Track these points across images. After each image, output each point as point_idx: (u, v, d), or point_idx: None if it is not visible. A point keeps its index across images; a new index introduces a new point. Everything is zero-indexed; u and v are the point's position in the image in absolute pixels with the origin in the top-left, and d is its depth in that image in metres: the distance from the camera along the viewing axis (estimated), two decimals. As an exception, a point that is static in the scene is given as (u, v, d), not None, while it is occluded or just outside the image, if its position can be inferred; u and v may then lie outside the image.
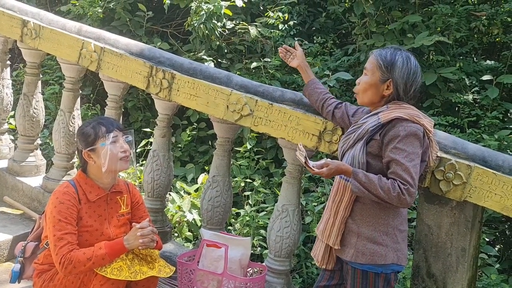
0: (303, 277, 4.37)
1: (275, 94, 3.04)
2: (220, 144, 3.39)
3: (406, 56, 2.30)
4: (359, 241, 2.28)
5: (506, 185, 2.40)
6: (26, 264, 2.74)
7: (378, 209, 2.26)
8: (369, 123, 2.28)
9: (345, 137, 2.41)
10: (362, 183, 2.18)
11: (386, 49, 2.35)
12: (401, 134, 2.17)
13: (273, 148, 5.68)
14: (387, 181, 2.16)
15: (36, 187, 4.06)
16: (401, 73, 2.26)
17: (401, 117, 2.20)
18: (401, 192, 2.13)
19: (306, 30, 6.61)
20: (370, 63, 2.34)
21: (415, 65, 2.29)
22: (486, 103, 4.95)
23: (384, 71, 2.28)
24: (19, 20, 3.96)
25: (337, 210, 2.33)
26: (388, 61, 2.28)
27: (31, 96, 4.22)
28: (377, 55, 2.32)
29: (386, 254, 2.26)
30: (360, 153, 2.26)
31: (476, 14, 5.37)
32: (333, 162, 2.24)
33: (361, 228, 2.29)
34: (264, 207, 4.87)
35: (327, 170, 2.21)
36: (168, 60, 3.40)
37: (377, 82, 2.30)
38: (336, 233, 2.33)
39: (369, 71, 2.33)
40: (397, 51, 2.31)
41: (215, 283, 2.81)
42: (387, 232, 2.27)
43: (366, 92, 2.33)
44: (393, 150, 2.18)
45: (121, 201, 2.74)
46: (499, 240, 4.76)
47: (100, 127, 2.61)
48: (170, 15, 6.95)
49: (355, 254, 2.28)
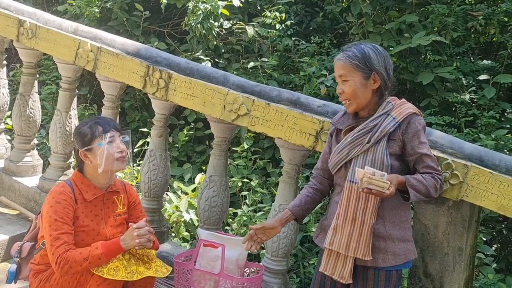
0: (300, 277, 4.37)
1: (272, 93, 3.04)
2: (217, 144, 3.38)
3: (371, 46, 2.31)
4: (390, 243, 2.24)
5: (503, 184, 2.40)
6: (23, 265, 2.73)
7: (397, 207, 2.27)
8: (385, 124, 2.22)
9: (351, 143, 2.28)
10: (415, 188, 2.18)
11: (350, 48, 2.29)
12: (419, 128, 2.24)
13: (270, 148, 5.68)
14: (428, 177, 2.22)
15: (33, 187, 4.05)
16: (378, 62, 2.26)
17: (412, 112, 2.26)
18: (441, 182, 2.25)
19: (303, 29, 6.61)
20: (343, 69, 2.27)
21: (383, 50, 2.32)
22: (483, 103, 4.96)
23: (364, 68, 2.25)
24: (15, 19, 3.95)
25: (363, 219, 2.23)
26: (361, 57, 2.25)
27: (27, 96, 4.21)
28: (347, 58, 2.26)
29: (413, 248, 2.33)
30: (384, 156, 2.20)
31: (473, 13, 5.37)
32: (391, 177, 2.14)
33: (389, 230, 2.25)
34: (261, 207, 4.87)
35: (394, 188, 2.11)
36: (165, 59, 3.40)
37: (363, 81, 2.26)
38: (365, 243, 2.23)
39: (347, 76, 2.27)
40: (361, 45, 2.30)
41: (212, 283, 2.80)
42: (408, 227, 2.32)
43: (356, 95, 2.26)
44: (419, 146, 2.23)
45: (118, 201, 2.73)
46: (496, 240, 4.77)
47: (97, 127, 2.60)
48: (167, 14, 6.94)
49: (391, 257, 2.24)
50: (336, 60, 2.33)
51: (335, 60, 2.33)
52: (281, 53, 6.10)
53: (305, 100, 2.95)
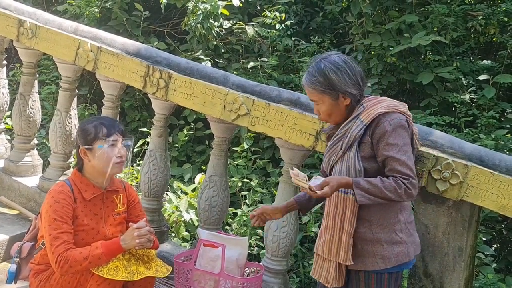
0: (300, 277, 4.37)
1: (272, 93, 3.04)
2: (217, 144, 3.38)
3: (330, 63, 2.22)
4: (378, 247, 2.22)
5: (503, 184, 2.40)
6: (23, 265, 2.73)
7: (384, 209, 2.22)
8: (353, 129, 2.21)
9: (329, 150, 2.32)
10: (366, 190, 2.12)
11: (311, 70, 2.24)
12: (388, 129, 2.14)
13: (270, 148, 5.68)
14: (390, 180, 2.13)
15: (33, 187, 4.05)
16: (342, 81, 2.20)
17: (382, 112, 2.17)
18: (407, 187, 2.12)
19: (303, 29, 6.61)
20: (311, 94, 2.27)
21: (343, 61, 2.22)
22: (482, 103, 4.96)
23: (329, 92, 2.21)
24: (15, 19, 3.95)
25: (342, 225, 2.24)
26: (322, 82, 2.21)
27: (27, 95, 4.21)
28: (310, 84, 2.24)
29: (407, 250, 2.25)
30: (355, 161, 2.20)
31: (473, 13, 5.38)
32: (332, 178, 2.17)
33: (376, 233, 2.23)
34: (261, 207, 4.87)
35: (329, 189, 2.12)
36: (165, 59, 3.40)
37: (333, 103, 2.24)
38: (345, 249, 2.24)
39: (317, 101, 2.27)
40: (320, 65, 2.23)
41: (212, 283, 2.80)
42: (401, 229, 2.25)
43: (332, 115, 2.27)
44: (385, 147, 2.15)
45: (117, 200, 2.73)
46: (496, 240, 4.77)
47: (101, 128, 2.59)
48: (167, 14, 6.94)
49: (379, 261, 2.22)
50: (302, 83, 2.31)
51: (302, 83, 2.32)
52: (281, 53, 6.10)
53: (305, 100, 2.95)
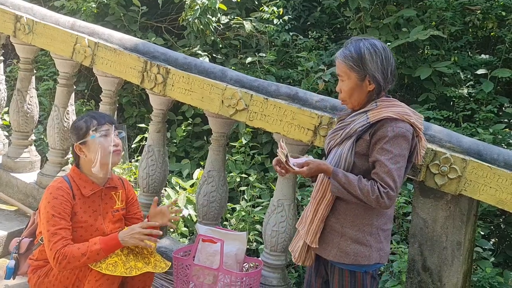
0: (299, 271, 4.37)
1: (270, 88, 3.03)
2: (215, 139, 3.38)
3: (369, 44, 2.22)
4: (343, 241, 2.24)
5: (501, 178, 2.40)
6: (21, 260, 2.73)
7: (362, 210, 2.22)
8: (357, 122, 2.22)
9: (332, 134, 2.35)
10: (342, 184, 2.14)
11: (349, 46, 2.25)
12: (389, 135, 2.12)
13: (269, 143, 5.68)
14: (367, 182, 2.12)
15: (31, 183, 4.04)
16: (374, 63, 2.20)
17: (391, 116, 2.15)
18: (380, 195, 2.09)
19: (301, 24, 6.61)
20: (340, 68, 2.26)
21: (381, 48, 2.22)
22: (480, 97, 4.96)
23: (358, 70, 2.21)
24: (12, 15, 3.93)
25: (317, 208, 2.28)
26: (356, 58, 2.20)
27: (25, 91, 4.20)
28: (343, 57, 2.24)
29: (370, 254, 2.23)
30: (348, 152, 2.21)
31: (471, 8, 5.38)
32: (314, 161, 2.20)
33: (345, 228, 2.24)
34: (260, 202, 4.87)
35: (307, 169, 2.17)
36: (162, 54, 3.39)
37: (358, 83, 2.23)
38: (314, 231, 2.28)
39: (344, 76, 2.26)
40: (359, 43, 2.23)
41: (211, 278, 2.81)
42: (371, 233, 2.23)
43: (352, 96, 2.26)
44: (379, 151, 2.14)
45: (116, 197, 2.73)
46: (494, 234, 4.78)
47: (92, 121, 2.61)
48: (164, 10, 6.93)
49: (338, 254, 2.24)
50: (335, 57, 2.32)
51: (335, 57, 2.32)
52: (279, 48, 6.09)
53: (303, 95, 2.94)
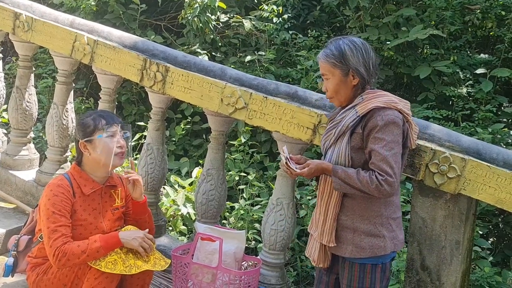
0: (297, 270, 4.38)
1: (270, 87, 3.03)
2: (214, 138, 3.38)
3: (348, 41, 2.29)
4: (356, 236, 2.27)
5: (500, 177, 2.40)
6: (20, 258, 2.73)
7: (369, 202, 2.26)
8: (348, 118, 2.26)
9: (325, 135, 2.39)
10: (342, 179, 2.19)
11: (329, 45, 2.32)
12: (379, 124, 2.17)
13: (268, 141, 5.68)
14: (365, 174, 2.17)
15: (29, 181, 4.04)
16: (355, 58, 2.26)
17: (378, 106, 2.20)
18: (379, 183, 2.13)
19: (300, 23, 6.60)
20: (323, 68, 2.33)
21: (361, 43, 2.29)
22: (480, 97, 4.96)
23: (340, 66, 2.27)
24: (11, 12, 3.92)
25: (327, 207, 2.32)
26: (337, 55, 2.27)
27: (24, 89, 4.19)
28: (325, 57, 2.30)
29: (385, 245, 2.27)
30: (345, 149, 2.25)
31: (470, 7, 5.37)
32: (313, 161, 2.26)
33: (356, 223, 2.28)
34: (259, 201, 4.87)
35: (307, 170, 2.23)
36: (162, 53, 3.38)
37: (342, 78, 2.28)
38: (329, 231, 2.31)
39: (328, 75, 2.31)
40: (338, 41, 2.30)
41: (210, 276, 2.81)
42: (382, 223, 2.27)
43: (338, 92, 2.31)
44: (372, 140, 2.18)
45: (116, 195, 2.73)
46: (493, 233, 4.79)
47: (100, 120, 2.61)
48: (163, 8, 6.91)
49: (355, 250, 2.28)
50: (317, 58, 2.37)
51: (317, 58, 2.37)
52: (278, 46, 6.09)
53: (302, 93, 2.94)
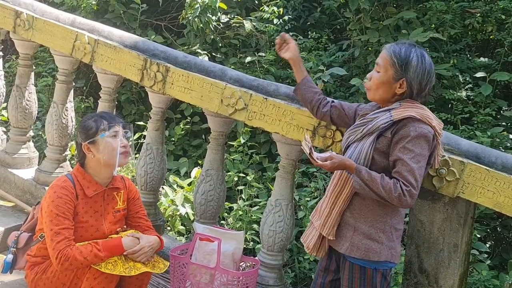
0: (295, 271, 4.38)
1: (270, 88, 3.03)
2: (214, 138, 3.38)
3: (420, 54, 2.22)
4: (355, 235, 2.27)
5: (499, 181, 2.40)
6: (19, 255, 2.73)
7: (377, 206, 2.25)
8: (380, 119, 2.23)
9: (352, 129, 2.35)
10: (364, 180, 2.16)
11: (400, 44, 2.26)
12: (412, 135, 2.14)
13: (267, 142, 5.68)
14: (389, 180, 2.14)
15: (29, 180, 4.03)
16: (416, 73, 2.20)
17: (414, 116, 2.16)
18: (403, 193, 2.11)
19: (301, 25, 6.61)
20: (383, 59, 2.27)
21: (429, 63, 2.22)
22: (479, 100, 4.97)
23: (397, 69, 2.21)
24: (12, 10, 3.92)
25: (336, 201, 2.31)
26: (402, 59, 2.21)
27: (23, 87, 4.19)
28: (391, 51, 2.24)
29: (380, 251, 2.25)
30: (368, 149, 2.22)
31: (471, 11, 5.38)
32: (338, 156, 2.22)
33: (358, 222, 2.27)
34: (257, 202, 4.88)
35: (330, 163, 2.19)
36: (162, 53, 3.39)
37: (390, 80, 2.24)
38: (331, 224, 2.31)
39: (381, 67, 2.26)
40: (412, 48, 2.23)
41: (208, 277, 2.81)
42: (384, 230, 2.26)
43: (378, 89, 2.27)
44: (401, 150, 2.15)
45: (118, 197, 2.73)
46: (490, 237, 4.79)
47: (102, 121, 2.61)
48: (164, 8, 6.92)
49: (350, 247, 2.27)
50: (383, 47, 2.33)
51: (383, 46, 2.33)
52: (278, 47, 6.08)
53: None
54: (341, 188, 2.30)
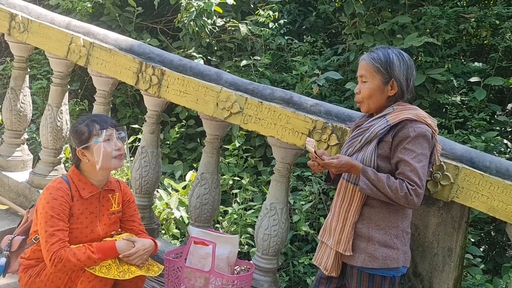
0: (290, 275, 4.38)
1: (265, 92, 3.04)
2: (209, 142, 3.38)
3: (398, 52, 2.30)
4: (370, 245, 2.25)
5: (493, 186, 2.42)
6: (12, 258, 2.71)
7: (387, 213, 2.25)
8: (377, 126, 2.25)
9: (349, 142, 2.37)
10: (371, 181, 2.17)
11: (376, 50, 2.32)
12: (411, 135, 2.18)
13: (262, 146, 5.68)
14: (395, 180, 2.16)
15: (23, 182, 4.02)
16: (400, 70, 2.27)
17: (410, 118, 2.20)
18: (409, 192, 2.14)
19: (296, 29, 6.62)
20: (365, 69, 2.31)
21: (408, 58, 2.30)
22: (473, 105, 4.99)
23: (384, 73, 2.27)
24: (7, 13, 3.92)
25: (346, 215, 2.30)
26: (384, 62, 2.27)
27: (18, 90, 4.18)
28: (371, 59, 2.29)
29: (397, 257, 2.25)
30: (371, 156, 2.23)
31: (465, 16, 5.41)
32: (344, 156, 2.25)
33: (371, 231, 2.26)
34: (252, 205, 4.88)
35: (337, 161, 2.20)
36: (158, 56, 3.38)
37: (381, 85, 2.28)
38: (346, 239, 2.28)
39: (367, 77, 2.30)
40: (387, 50, 2.31)
41: (202, 281, 2.80)
42: (397, 235, 2.26)
43: (371, 98, 2.30)
44: (402, 151, 2.18)
45: (113, 199, 2.72)
46: (484, 241, 4.81)
47: (94, 125, 2.59)
48: (160, 11, 6.92)
49: (367, 259, 2.25)
50: (360, 59, 2.36)
51: (360, 59, 2.36)
52: (274, 51, 6.11)
53: (298, 99, 2.95)
54: (350, 201, 2.30)
